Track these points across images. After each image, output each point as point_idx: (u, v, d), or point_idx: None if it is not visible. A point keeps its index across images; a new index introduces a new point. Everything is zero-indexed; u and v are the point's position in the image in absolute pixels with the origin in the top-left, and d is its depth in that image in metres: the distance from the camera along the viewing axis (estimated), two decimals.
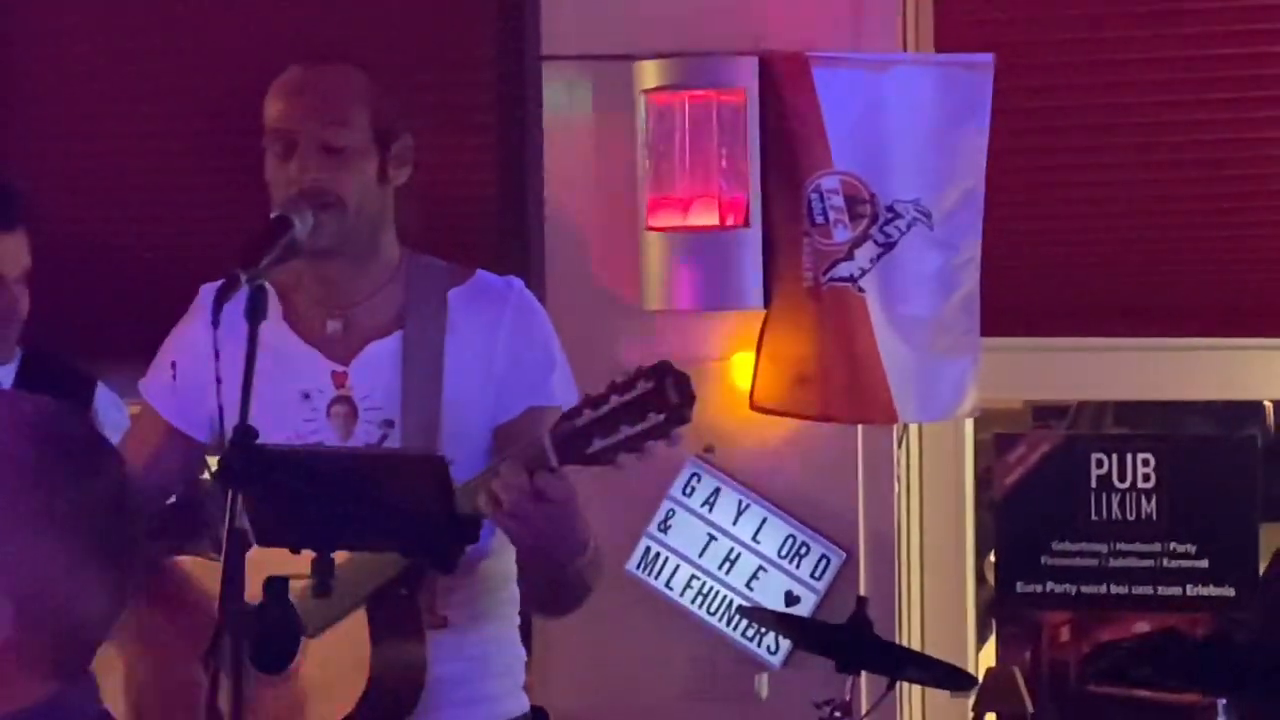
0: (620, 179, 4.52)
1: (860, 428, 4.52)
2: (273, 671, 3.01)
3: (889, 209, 4.36)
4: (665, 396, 2.75)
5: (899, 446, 4.62)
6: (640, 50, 4.48)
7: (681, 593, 4.57)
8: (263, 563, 2.77)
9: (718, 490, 4.56)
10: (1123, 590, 4.63)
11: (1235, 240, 4.54)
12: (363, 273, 3.15)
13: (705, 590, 4.56)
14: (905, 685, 4.52)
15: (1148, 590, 4.61)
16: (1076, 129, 4.57)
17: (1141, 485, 4.59)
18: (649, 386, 2.76)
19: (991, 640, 5.54)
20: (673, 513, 4.58)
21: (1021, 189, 4.55)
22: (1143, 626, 5.18)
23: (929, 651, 4.49)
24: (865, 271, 4.36)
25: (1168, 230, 4.56)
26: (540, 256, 4.68)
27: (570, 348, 3.23)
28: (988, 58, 4.34)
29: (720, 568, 4.55)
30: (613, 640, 4.56)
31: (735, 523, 4.55)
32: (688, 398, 2.76)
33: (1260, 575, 4.61)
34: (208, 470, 3.34)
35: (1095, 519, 4.61)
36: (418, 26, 4.77)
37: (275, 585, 2.81)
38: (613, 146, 4.54)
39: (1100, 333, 4.60)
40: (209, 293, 2.95)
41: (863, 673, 4.15)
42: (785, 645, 4.51)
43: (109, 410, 3.90)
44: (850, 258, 4.37)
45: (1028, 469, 4.71)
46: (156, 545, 3.16)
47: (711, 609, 4.55)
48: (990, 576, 4.91)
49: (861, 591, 4.41)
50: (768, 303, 4.46)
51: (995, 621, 5.50)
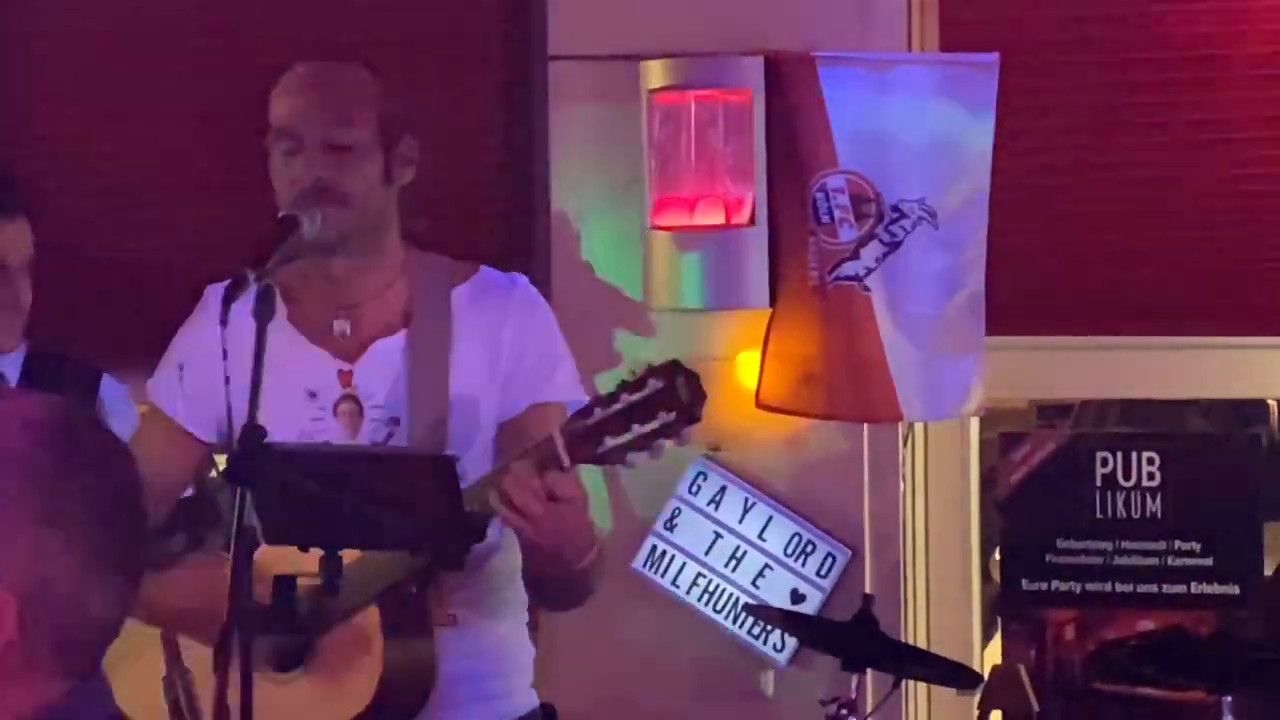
0: (626, 178, 4.53)
1: (865, 426, 4.52)
2: (283, 670, 3.01)
3: (894, 208, 4.37)
4: (676, 395, 2.77)
5: (904, 445, 4.62)
6: (646, 50, 4.49)
7: (688, 591, 4.58)
8: (272, 561, 2.78)
9: (724, 488, 4.57)
10: (1127, 588, 4.62)
11: (1241, 239, 4.54)
12: (368, 271, 3.15)
13: (711, 588, 4.57)
14: (911, 683, 4.52)
15: (1152, 588, 4.61)
16: (1081, 128, 4.57)
17: (1146, 484, 4.59)
18: (660, 385, 2.77)
19: (997, 638, 5.54)
20: (679, 511, 4.58)
21: (1026, 188, 4.55)
22: (1147, 624, 5.18)
23: (934, 649, 4.49)
24: (870, 271, 4.37)
25: (1172, 229, 4.56)
26: (546, 255, 4.68)
27: (575, 346, 3.23)
28: (993, 57, 4.34)
29: (726, 566, 4.56)
30: (619, 638, 4.57)
31: (741, 521, 4.56)
32: (698, 396, 2.77)
33: (1265, 574, 4.62)
34: (216, 469, 3.35)
35: (1100, 517, 4.61)
36: (425, 26, 4.78)
37: (284, 584, 2.82)
38: (619, 146, 4.54)
39: (1105, 332, 4.60)
40: (216, 293, 2.96)
41: (868, 670, 4.15)
42: (791, 643, 4.52)
43: (115, 402, 3.89)
44: (856, 257, 4.37)
45: (1032, 468, 4.71)
46: (167, 543, 3.16)
47: (717, 607, 4.56)
48: (995, 574, 4.91)
49: (867, 589, 4.41)
50: (773, 302, 4.47)
51: (1000, 619, 5.49)
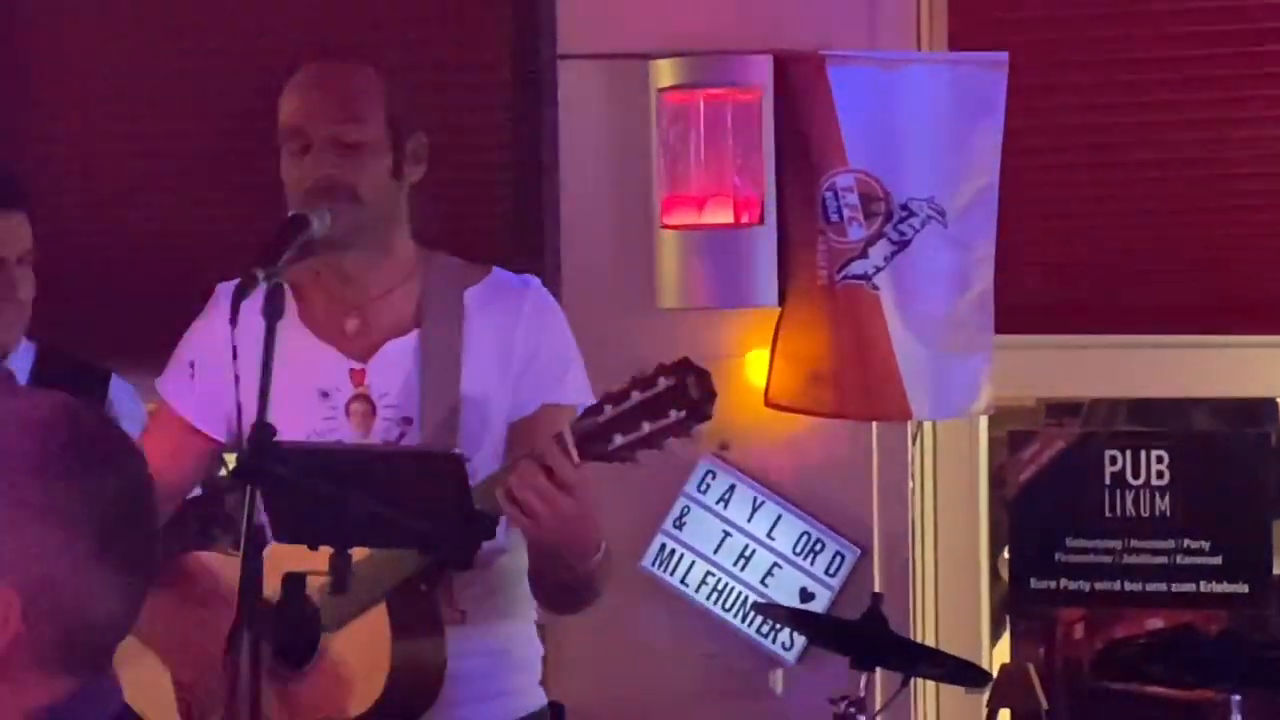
0: (635, 177, 4.53)
1: (874, 425, 4.52)
2: (293, 667, 3.02)
3: (903, 207, 4.37)
4: (687, 393, 2.77)
5: (913, 444, 4.62)
6: (656, 49, 4.49)
7: (696, 589, 4.58)
8: (282, 560, 2.79)
9: (732, 487, 4.57)
10: (1136, 587, 4.61)
11: (1248, 237, 4.54)
12: (378, 268, 3.15)
13: (720, 587, 4.57)
14: (920, 681, 4.52)
15: (1161, 587, 4.60)
16: (1090, 127, 4.57)
17: (1155, 482, 4.58)
18: (670, 383, 2.78)
19: (1005, 636, 5.53)
20: (687, 509, 4.58)
21: (1035, 187, 4.55)
22: (1157, 623, 5.16)
23: (943, 648, 4.48)
24: (880, 269, 4.37)
25: (1181, 227, 4.56)
26: (555, 254, 4.68)
27: (585, 345, 3.23)
28: (1002, 56, 4.34)
29: (735, 564, 4.56)
30: (628, 636, 4.57)
31: (750, 519, 4.56)
32: (709, 394, 2.78)
33: (1275, 572, 4.62)
34: (226, 468, 3.36)
35: (1109, 516, 4.60)
36: (434, 25, 4.78)
37: (293, 581, 2.82)
38: (628, 145, 4.54)
39: (1114, 330, 4.60)
40: (226, 291, 2.96)
41: (877, 669, 4.15)
42: (800, 641, 4.52)
43: (124, 401, 3.90)
44: (865, 256, 4.38)
45: (1041, 466, 4.70)
46: (177, 541, 3.17)
47: (726, 605, 4.56)
48: (1004, 573, 4.91)
49: (876, 588, 4.41)
50: (782, 300, 4.47)
51: (1009, 618, 5.48)
